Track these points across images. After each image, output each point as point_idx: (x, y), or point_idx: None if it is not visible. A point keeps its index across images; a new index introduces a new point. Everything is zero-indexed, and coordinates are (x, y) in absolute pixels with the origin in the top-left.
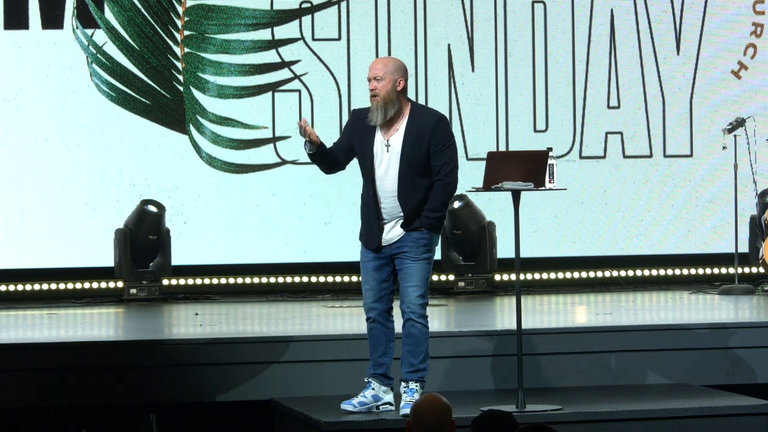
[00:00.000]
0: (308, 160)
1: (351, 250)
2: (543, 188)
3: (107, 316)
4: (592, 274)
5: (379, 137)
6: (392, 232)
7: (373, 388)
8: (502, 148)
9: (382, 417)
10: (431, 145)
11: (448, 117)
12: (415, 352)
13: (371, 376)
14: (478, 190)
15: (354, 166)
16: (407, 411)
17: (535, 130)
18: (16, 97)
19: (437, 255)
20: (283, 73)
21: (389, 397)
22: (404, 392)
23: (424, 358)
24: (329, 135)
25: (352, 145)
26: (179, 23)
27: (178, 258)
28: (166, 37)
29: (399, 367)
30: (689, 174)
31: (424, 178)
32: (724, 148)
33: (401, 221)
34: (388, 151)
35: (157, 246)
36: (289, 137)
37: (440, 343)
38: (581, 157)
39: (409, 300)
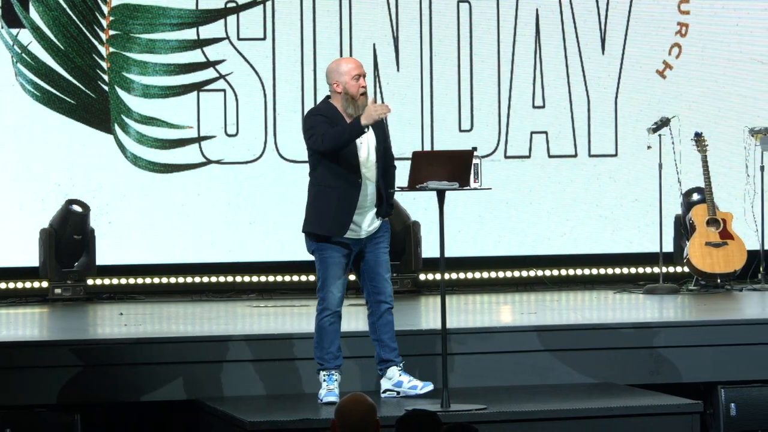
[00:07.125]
0: (234, 160)
1: (275, 250)
2: (468, 188)
3: (32, 316)
4: (517, 273)
5: None
6: (374, 222)
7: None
8: (427, 148)
9: (306, 417)
10: (386, 128)
11: None
12: (393, 337)
13: (335, 367)
14: (402, 189)
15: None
16: (430, 387)
17: (460, 130)
18: None
19: None
20: (208, 73)
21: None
22: (404, 374)
23: None
24: (254, 135)
25: None
26: (104, 23)
27: (102, 258)
28: (91, 37)
29: (375, 362)
30: (614, 173)
31: (386, 162)
32: (648, 147)
33: (376, 210)
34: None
35: (81, 246)
36: (213, 137)
37: (366, 343)
38: (506, 157)
39: (387, 291)
